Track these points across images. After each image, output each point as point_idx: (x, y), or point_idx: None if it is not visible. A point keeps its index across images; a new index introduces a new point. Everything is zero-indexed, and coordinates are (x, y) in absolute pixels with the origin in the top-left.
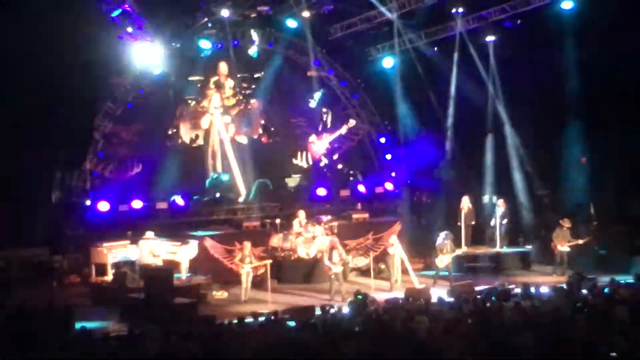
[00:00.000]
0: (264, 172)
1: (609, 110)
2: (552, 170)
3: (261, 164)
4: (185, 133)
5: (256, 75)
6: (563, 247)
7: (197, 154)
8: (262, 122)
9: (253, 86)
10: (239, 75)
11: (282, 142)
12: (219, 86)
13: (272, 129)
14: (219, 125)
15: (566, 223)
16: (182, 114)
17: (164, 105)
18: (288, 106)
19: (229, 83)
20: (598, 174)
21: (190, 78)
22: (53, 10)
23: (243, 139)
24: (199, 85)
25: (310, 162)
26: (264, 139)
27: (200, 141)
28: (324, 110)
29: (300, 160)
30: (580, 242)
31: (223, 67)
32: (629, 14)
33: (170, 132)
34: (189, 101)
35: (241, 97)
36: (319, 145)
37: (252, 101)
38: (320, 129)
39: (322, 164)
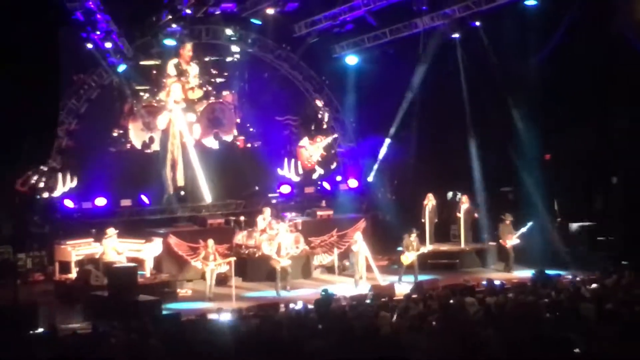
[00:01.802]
0: (240, 186)
1: (571, 106)
2: (515, 166)
3: (236, 175)
4: (136, 135)
5: (229, 59)
6: (511, 240)
7: (151, 163)
8: (238, 120)
9: (226, 73)
10: (207, 59)
11: (264, 147)
12: (180, 73)
13: (252, 129)
14: (181, 125)
15: (508, 218)
16: (131, 110)
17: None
18: (272, 100)
19: (194, 69)
20: (561, 170)
21: (143, 63)
22: (15, 7)
23: (212, 143)
24: (154, 72)
25: (301, 172)
26: (239, 143)
27: (155, 146)
28: (319, 104)
29: (288, 171)
30: (523, 230)
31: (187, 47)
32: (589, 11)
33: (116, 134)
34: (141, 93)
35: (210, 88)
36: (312, 151)
37: (225, 93)
38: (313, 129)
39: (315, 176)
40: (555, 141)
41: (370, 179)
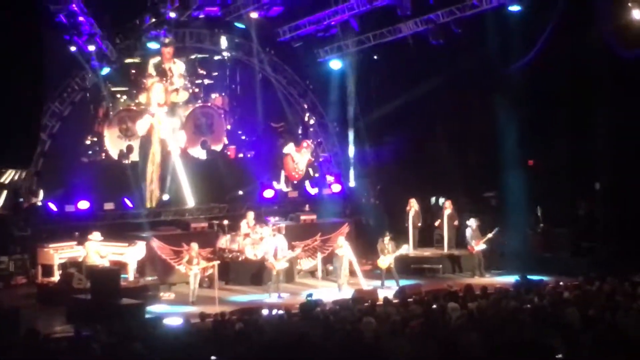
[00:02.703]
0: (224, 190)
1: (554, 112)
2: (498, 172)
3: (220, 180)
4: (112, 143)
5: (217, 57)
6: (478, 246)
7: (128, 176)
8: (228, 127)
9: (215, 73)
10: (193, 57)
11: (258, 158)
12: (162, 73)
13: (244, 137)
14: (164, 132)
15: (474, 223)
16: (106, 115)
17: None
18: (267, 104)
19: (178, 68)
20: (544, 176)
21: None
22: None
23: (200, 153)
24: (132, 71)
25: (288, 188)
26: (230, 153)
27: (134, 156)
28: (305, 106)
29: (286, 185)
30: (490, 235)
31: (170, 43)
32: (570, 17)
33: (88, 141)
34: (118, 95)
35: (197, 90)
36: (299, 159)
37: (214, 96)
38: (300, 134)
39: (306, 186)
40: (538, 147)
41: (352, 183)
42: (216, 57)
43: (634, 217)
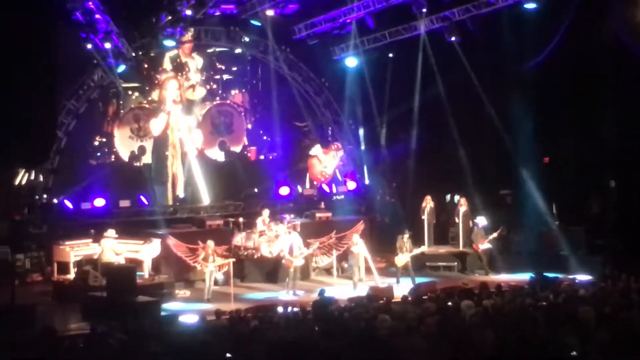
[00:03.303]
0: (239, 188)
1: (569, 110)
2: (514, 170)
3: (241, 187)
4: (123, 144)
5: (238, 51)
6: (483, 245)
7: (142, 174)
8: (249, 126)
9: (234, 68)
10: (211, 50)
11: (282, 160)
12: (178, 67)
13: (265, 137)
14: (181, 132)
15: (480, 222)
16: (116, 114)
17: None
18: (291, 101)
19: (196, 63)
20: (559, 173)
21: (134, 54)
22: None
23: (217, 154)
24: (145, 65)
25: (314, 192)
26: (250, 155)
27: (146, 158)
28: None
29: (313, 190)
30: (495, 235)
31: (188, 35)
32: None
33: (97, 142)
34: (129, 92)
35: (215, 86)
36: (327, 161)
37: (233, 93)
38: (330, 136)
39: (333, 192)
40: (553, 144)
41: (367, 181)
42: (237, 51)
43: None
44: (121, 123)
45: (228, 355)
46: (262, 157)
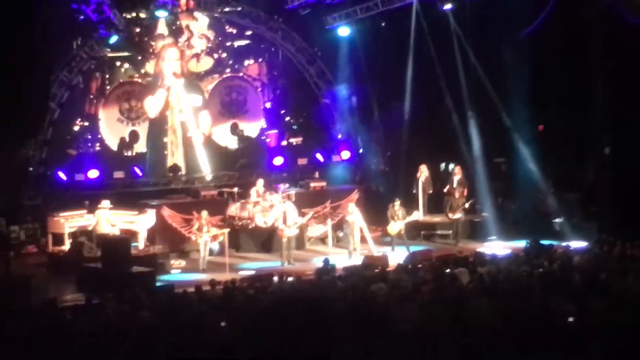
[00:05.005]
0: (233, 159)
1: (563, 77)
2: (508, 138)
3: (236, 158)
4: (110, 129)
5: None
6: (454, 215)
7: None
8: (268, 105)
9: (248, 32)
10: (219, 11)
11: (309, 145)
12: (177, 32)
13: (288, 119)
14: (183, 113)
15: (457, 191)
16: (101, 90)
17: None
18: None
19: (200, 26)
20: (553, 141)
21: (126, 15)
22: None
23: (229, 140)
24: (137, 30)
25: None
26: (270, 140)
27: (140, 146)
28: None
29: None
30: (466, 206)
31: (182, 6)
32: None
33: (77, 127)
34: (117, 62)
35: (224, 55)
36: None
37: (247, 63)
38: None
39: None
40: (547, 112)
41: (361, 150)
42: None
43: None
44: (108, 102)
45: (223, 324)
46: (284, 142)
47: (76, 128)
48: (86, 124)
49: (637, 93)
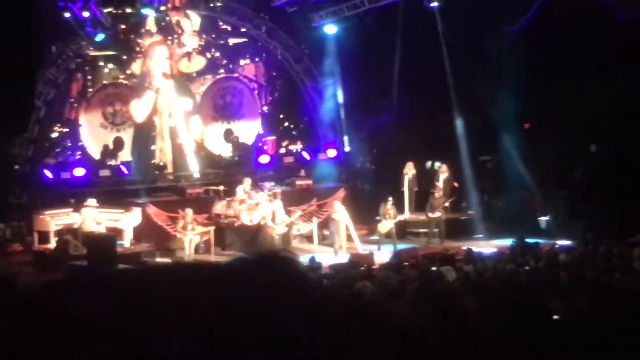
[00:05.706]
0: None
1: (550, 74)
2: (495, 135)
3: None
4: (93, 136)
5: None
6: (433, 214)
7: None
8: (265, 109)
9: (244, 29)
10: (211, 6)
11: (311, 156)
12: (167, 29)
13: (287, 123)
14: (173, 118)
15: (438, 191)
16: (83, 92)
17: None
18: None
19: (191, 23)
20: (540, 139)
21: (107, 10)
22: None
23: (222, 147)
24: (122, 26)
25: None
26: (267, 147)
27: (125, 154)
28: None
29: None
30: (447, 204)
31: (168, 5)
32: None
33: (57, 133)
34: (100, 62)
35: (218, 54)
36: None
37: (244, 62)
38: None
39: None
40: (534, 110)
41: (347, 148)
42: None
43: (630, 179)
44: (89, 106)
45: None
46: (282, 150)
47: (54, 135)
48: (66, 130)
49: (625, 90)
